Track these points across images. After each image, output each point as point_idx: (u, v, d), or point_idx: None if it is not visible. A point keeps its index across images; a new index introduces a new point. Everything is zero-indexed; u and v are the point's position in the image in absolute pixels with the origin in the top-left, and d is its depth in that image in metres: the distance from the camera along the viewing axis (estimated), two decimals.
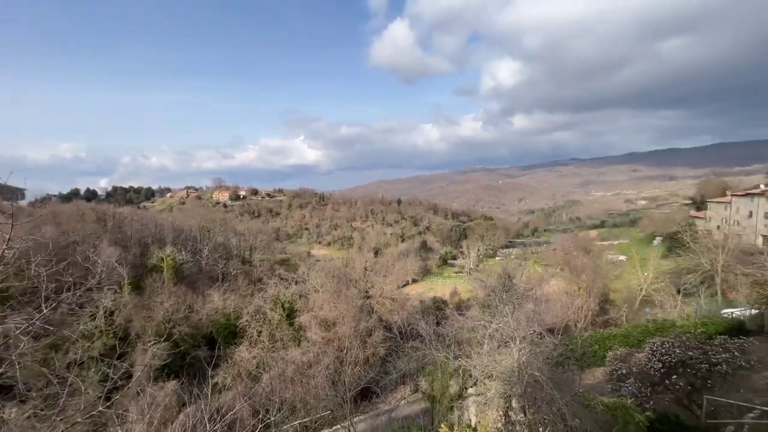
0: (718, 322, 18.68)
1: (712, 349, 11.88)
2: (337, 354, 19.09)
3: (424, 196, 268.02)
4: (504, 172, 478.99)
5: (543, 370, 11.09)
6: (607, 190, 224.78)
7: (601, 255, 47.46)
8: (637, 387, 12.46)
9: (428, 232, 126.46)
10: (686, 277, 31.82)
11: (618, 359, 14.11)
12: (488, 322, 15.01)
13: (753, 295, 20.62)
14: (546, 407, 9.31)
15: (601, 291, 34.88)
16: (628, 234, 78.49)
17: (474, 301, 36.70)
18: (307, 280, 31.56)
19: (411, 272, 70.82)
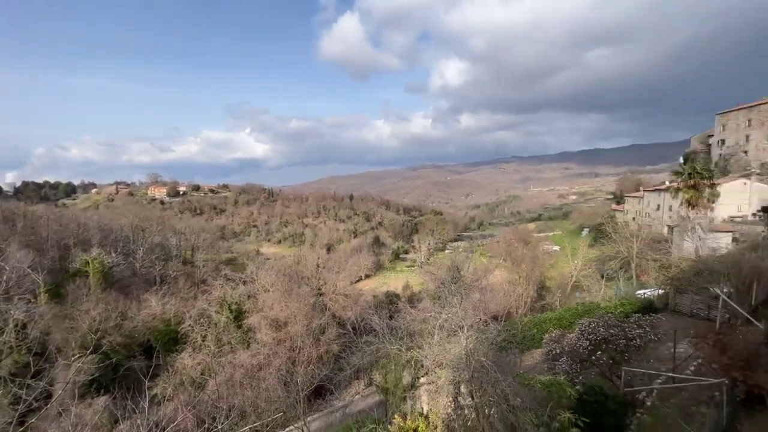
0: (634, 302, 21.26)
1: (629, 326, 13.50)
2: (290, 354, 18.67)
3: (377, 192, 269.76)
4: (452, 169, 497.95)
5: (488, 355, 11.82)
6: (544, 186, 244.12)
7: (538, 246, 51.51)
8: (569, 364, 13.79)
9: (381, 228, 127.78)
10: (608, 263, 35.66)
11: (553, 340, 15.47)
12: (438, 313, 15.63)
13: (660, 277, 23.80)
14: (491, 389, 9.95)
15: (538, 279, 37.93)
16: (561, 226, 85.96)
17: (425, 293, 37.93)
18: (256, 279, 30.33)
19: (364, 268, 71.15)
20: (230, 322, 24.58)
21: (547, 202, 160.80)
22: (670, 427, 11.14)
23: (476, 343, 11.31)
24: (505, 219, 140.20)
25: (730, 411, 10.66)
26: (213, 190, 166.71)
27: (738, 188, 40.52)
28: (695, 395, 12.19)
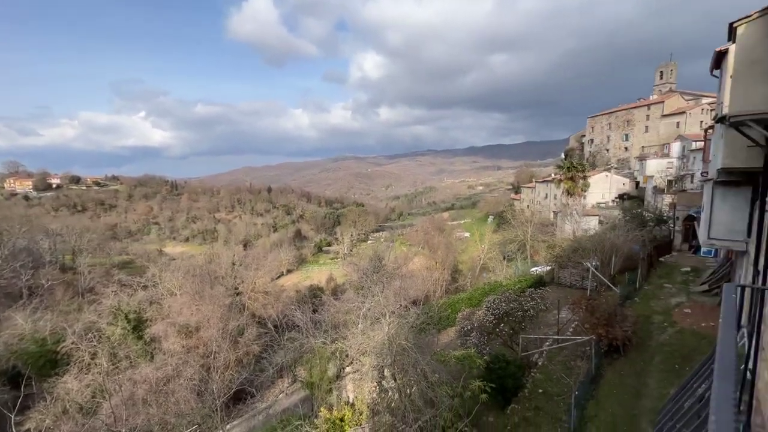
0: (529, 279, 24.61)
1: (525, 300, 15.65)
2: (203, 361, 17.24)
3: (297, 184, 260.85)
4: (372, 161, 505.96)
5: (409, 338, 12.57)
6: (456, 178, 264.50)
7: (452, 233, 55.79)
8: (478, 338, 15.45)
9: (302, 221, 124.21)
10: (509, 246, 40.47)
11: (464, 318, 17.10)
12: (362, 303, 16.02)
13: (547, 256, 27.97)
14: (412, 370, 10.65)
15: (452, 263, 41.20)
16: (470, 214, 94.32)
17: (349, 284, 38.27)
18: (160, 282, 27.05)
19: (285, 263, 68.62)
20: (128, 333, 21.58)
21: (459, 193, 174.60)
22: (555, 381, 13.29)
23: (397, 328, 11.93)
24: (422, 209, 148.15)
25: (597, 361, 13.18)
26: (99, 183, 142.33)
27: (602, 179, 49.35)
28: (573, 352, 14.74)
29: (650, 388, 11.39)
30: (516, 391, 13.22)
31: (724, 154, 10.93)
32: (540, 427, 11.44)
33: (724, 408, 0.78)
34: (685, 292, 17.13)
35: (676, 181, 36.27)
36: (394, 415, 10.77)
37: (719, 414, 0.78)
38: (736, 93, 8.93)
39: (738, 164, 10.53)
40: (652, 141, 57.25)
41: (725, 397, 0.83)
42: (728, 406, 0.77)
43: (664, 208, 31.90)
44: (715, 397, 0.86)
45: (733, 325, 1.32)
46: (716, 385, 0.93)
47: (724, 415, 0.77)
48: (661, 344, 13.34)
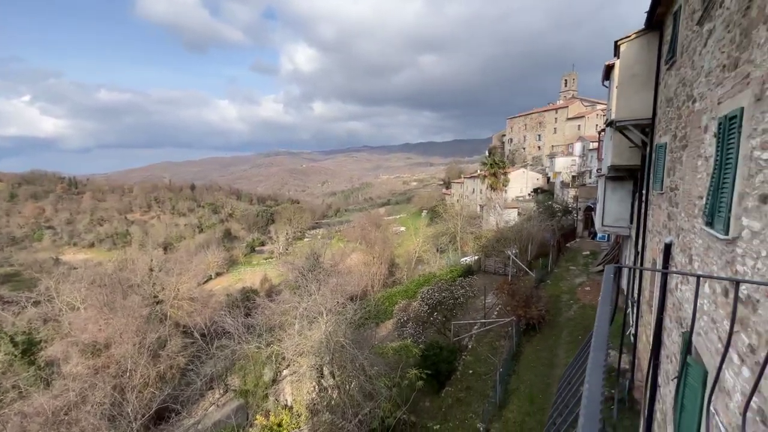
0: (459, 268, 26.25)
1: (455, 288, 16.67)
2: (116, 381, 15.31)
3: (225, 181, 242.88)
4: (307, 156, 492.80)
5: (347, 334, 12.61)
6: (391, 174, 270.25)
7: (388, 228, 56.92)
8: (414, 328, 16.08)
9: (232, 220, 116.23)
10: (441, 238, 42.64)
11: (401, 310, 17.67)
12: (298, 303, 15.63)
13: (475, 246, 30.16)
14: (350, 366, 10.72)
15: (389, 257, 42.09)
16: (405, 210, 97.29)
17: (285, 284, 36.97)
18: (57, 296, 23.30)
19: (214, 265, 63.74)
20: (15, 359, 18.25)
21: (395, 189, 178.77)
22: (483, 361, 14.44)
23: (335, 325, 11.90)
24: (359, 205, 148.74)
25: (517, 339, 14.61)
26: None
27: (520, 175, 54.48)
28: (498, 333, 16.14)
29: (560, 358, 12.98)
30: (449, 375, 14.08)
31: (612, 154, 12.77)
32: (471, 405, 12.35)
33: (595, 374, 0.93)
34: (585, 272, 19.82)
35: (578, 177, 41.57)
36: (334, 413, 10.77)
37: (591, 379, 0.93)
38: (620, 101, 10.49)
39: (623, 162, 12.41)
40: (559, 141, 64.67)
41: (597, 365, 0.99)
42: (599, 373, 0.92)
43: (569, 201, 36.37)
44: (589, 365, 1.02)
45: (609, 302, 1.57)
46: (591, 355, 1.10)
47: (595, 380, 0.92)
48: (568, 319, 15.27)
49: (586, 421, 0.76)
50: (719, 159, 4.31)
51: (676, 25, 7.60)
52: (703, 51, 5.55)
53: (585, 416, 0.78)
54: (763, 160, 3.29)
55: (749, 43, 3.80)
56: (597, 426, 0.74)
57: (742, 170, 3.72)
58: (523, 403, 11.30)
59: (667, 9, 8.40)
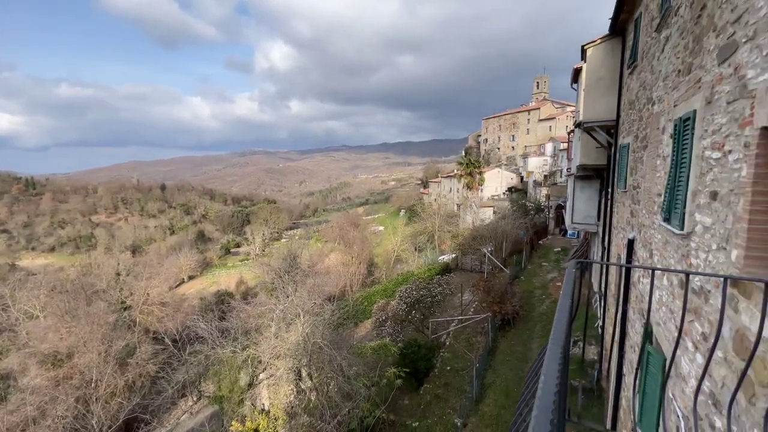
0: (437, 267, 26.58)
1: (433, 286, 16.87)
2: (80, 393, 14.51)
3: (198, 180, 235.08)
4: (284, 156, 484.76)
5: (325, 335, 12.50)
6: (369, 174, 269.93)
7: (367, 228, 56.90)
8: (393, 326, 16.15)
9: (205, 221, 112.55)
10: (419, 237, 43.02)
11: (379, 309, 17.71)
12: (275, 305, 15.33)
13: (452, 244, 30.63)
14: (328, 367, 10.62)
15: (368, 257, 42.07)
16: (384, 209, 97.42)
17: (261, 286, 36.24)
18: (12, 304, 21.81)
19: (186, 268, 61.48)
20: None
21: (373, 188, 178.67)
22: (460, 357, 14.68)
23: (312, 326, 11.76)
24: (338, 205, 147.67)
25: (493, 335, 14.95)
26: None
27: (495, 175, 55.78)
28: (474, 329, 16.45)
29: (533, 351, 13.39)
30: (428, 372, 14.23)
31: (580, 154, 13.27)
32: (448, 401, 12.54)
33: (551, 367, 0.96)
34: (557, 268, 20.54)
35: (550, 176, 43.04)
36: (312, 415, 10.65)
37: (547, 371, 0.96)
38: (587, 104, 10.93)
39: (590, 162, 12.93)
40: (532, 141, 66.69)
41: (553, 358, 1.01)
42: (554, 365, 0.94)
43: (541, 199, 37.59)
44: (546, 358, 1.05)
45: (570, 296, 1.62)
46: (549, 347, 1.13)
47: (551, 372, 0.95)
48: (541, 314, 15.77)
49: (539, 413, 0.78)
50: (675, 158, 4.57)
51: (637, 31, 7.99)
52: (661, 56, 5.86)
53: (538, 408, 0.80)
54: (713, 159, 3.51)
55: (700, 50, 4.05)
56: (549, 417, 0.76)
57: (694, 169, 3.96)
58: (499, 397, 11.58)
59: (629, 16, 8.81)
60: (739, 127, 3.02)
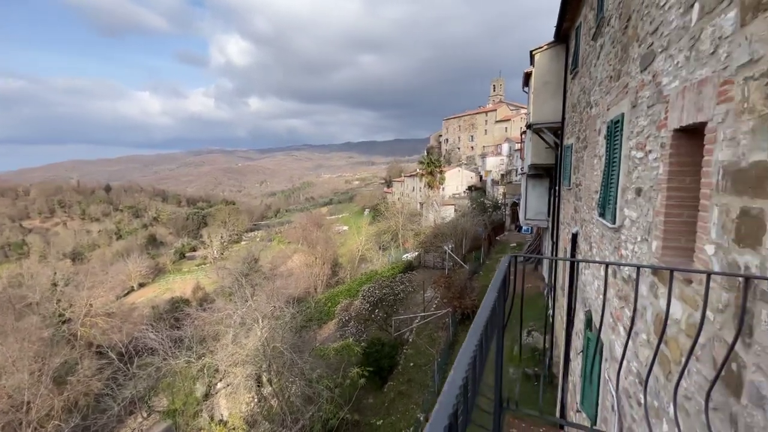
0: (400, 265, 26.87)
1: (395, 284, 17.02)
2: (9, 418, 13.06)
3: (148, 181, 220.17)
4: (243, 155, 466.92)
5: (286, 339, 12.19)
6: (333, 173, 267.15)
7: (331, 228, 56.26)
8: (356, 326, 16.10)
9: (157, 224, 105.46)
10: (383, 236, 43.24)
11: (343, 309, 17.57)
12: (234, 310, 14.72)
13: (414, 242, 31.12)
14: (288, 372, 10.37)
15: (332, 257, 41.61)
16: (348, 209, 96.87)
17: (219, 291, 34.65)
18: None
19: (136, 275, 57.30)
20: None
21: (337, 188, 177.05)
22: (423, 353, 14.95)
23: (272, 331, 11.43)
24: (301, 205, 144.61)
25: (454, 329, 15.37)
26: None
27: (456, 174, 57.42)
28: (436, 324, 16.82)
29: None
30: (392, 369, 14.34)
31: (531, 154, 13.98)
32: (412, 397, 12.72)
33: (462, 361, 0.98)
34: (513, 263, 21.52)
35: (506, 175, 45.03)
36: (273, 422, 10.35)
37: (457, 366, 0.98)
38: (536, 106, 11.54)
39: (541, 161, 13.66)
40: (490, 142, 69.37)
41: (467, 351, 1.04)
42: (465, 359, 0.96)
43: (499, 197, 39.24)
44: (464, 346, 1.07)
45: (497, 289, 1.67)
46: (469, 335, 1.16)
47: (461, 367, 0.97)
48: None
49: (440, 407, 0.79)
50: (608, 158, 4.94)
51: (577, 39, 8.55)
52: (597, 63, 6.31)
53: (440, 403, 0.81)
54: (637, 158, 3.83)
55: (627, 58, 4.40)
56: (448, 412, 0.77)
57: (623, 167, 4.30)
58: None
59: (571, 24, 9.41)
60: (656, 129, 3.32)
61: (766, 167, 1.77)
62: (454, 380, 0.92)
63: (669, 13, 3.12)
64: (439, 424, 0.72)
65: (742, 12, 2.04)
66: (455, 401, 0.83)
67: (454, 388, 0.87)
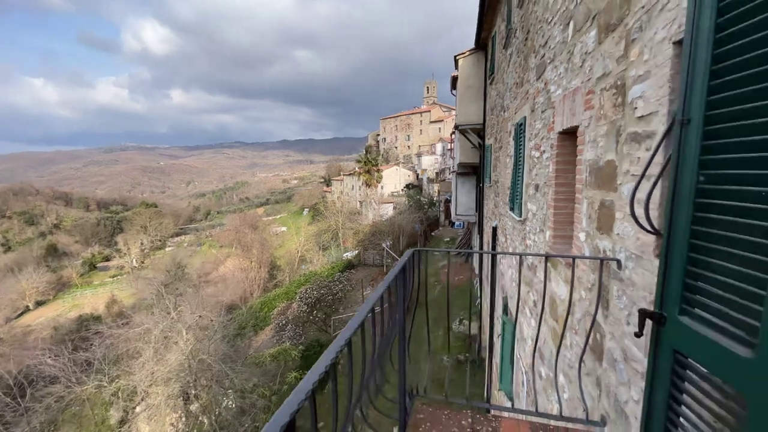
0: (340, 264, 26.72)
1: (334, 284, 16.88)
2: None
3: (45, 182, 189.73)
4: (165, 152, 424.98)
5: (217, 350, 11.41)
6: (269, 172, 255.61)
7: (267, 229, 53.92)
8: (294, 330, 15.65)
9: (59, 231, 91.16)
10: (323, 236, 42.60)
11: (279, 313, 16.97)
12: (154, 324, 13.36)
13: (354, 241, 31.19)
14: (217, 385, 9.72)
15: (269, 260, 39.94)
16: (286, 208, 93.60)
17: (138, 305, 31.19)
18: None
19: (33, 293, 49.09)
20: None
21: (273, 187, 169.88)
22: None
23: (198, 343, 10.61)
24: (234, 206, 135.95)
25: None
26: None
27: (394, 172, 58.68)
28: None
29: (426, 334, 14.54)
30: None
31: (460, 153, 14.81)
32: None
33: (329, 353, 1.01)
34: (446, 257, 22.70)
35: (441, 173, 47.21)
36: None
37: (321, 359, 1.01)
38: (461, 109, 12.25)
39: (467, 160, 14.54)
40: (425, 141, 72.10)
41: (337, 344, 1.07)
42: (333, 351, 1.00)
43: (434, 194, 41.00)
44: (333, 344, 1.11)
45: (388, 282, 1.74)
46: (340, 335, 1.20)
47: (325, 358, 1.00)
48: (433, 299, 17.22)
49: (292, 397, 0.79)
50: (516, 157, 5.44)
51: (493, 47, 9.25)
52: (508, 70, 6.89)
53: (295, 392, 0.82)
54: (535, 158, 4.28)
55: (527, 67, 4.88)
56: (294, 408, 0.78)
57: (526, 166, 4.76)
58: None
59: (488, 33, 10.14)
60: (547, 131, 3.74)
61: (615, 166, 2.09)
62: (312, 374, 0.94)
63: (554, 29, 3.52)
64: (278, 423, 0.73)
65: (599, 32, 2.39)
66: (303, 398, 0.84)
67: (308, 384, 0.89)
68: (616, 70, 2.09)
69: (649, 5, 1.68)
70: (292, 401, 0.79)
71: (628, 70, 1.92)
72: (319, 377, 0.89)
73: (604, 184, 2.24)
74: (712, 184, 1.02)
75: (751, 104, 0.92)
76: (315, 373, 0.89)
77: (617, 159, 2.06)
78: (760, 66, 0.90)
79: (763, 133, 0.89)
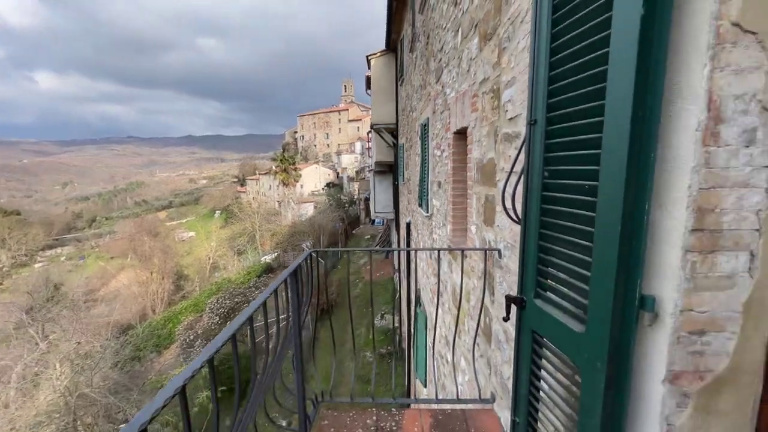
0: (258, 268, 25.16)
1: (250, 291, 15.81)
2: None
3: None
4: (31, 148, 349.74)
5: (108, 379, 9.79)
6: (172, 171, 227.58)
7: (171, 235, 48.22)
8: (204, 345, 14.23)
9: None
10: (239, 239, 39.65)
11: (186, 328, 15.29)
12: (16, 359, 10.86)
13: (273, 243, 29.70)
14: (104, 422, 8.33)
15: (174, 270, 35.72)
16: (194, 211, 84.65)
17: None
18: None
19: None
20: None
21: (178, 188, 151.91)
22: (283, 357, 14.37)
23: (78, 375, 8.92)
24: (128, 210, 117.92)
25: (313, 326, 15.33)
26: None
27: (313, 171, 57.44)
28: None
29: (349, 334, 14.55)
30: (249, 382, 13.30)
31: (376, 152, 15.07)
32: (273, 405, 12.09)
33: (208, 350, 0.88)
34: (367, 254, 23.05)
35: (360, 172, 47.70)
36: None
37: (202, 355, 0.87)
38: (375, 109, 12.45)
39: (383, 159, 14.87)
40: (344, 140, 72.06)
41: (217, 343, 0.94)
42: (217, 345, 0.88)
43: (354, 193, 41.26)
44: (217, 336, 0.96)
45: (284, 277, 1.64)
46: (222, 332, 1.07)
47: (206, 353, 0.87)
48: (355, 296, 17.32)
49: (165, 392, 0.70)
50: (422, 156, 5.70)
51: (402, 50, 9.58)
52: (414, 72, 7.18)
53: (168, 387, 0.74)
54: (437, 156, 4.52)
55: (429, 70, 5.13)
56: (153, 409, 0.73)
57: (431, 164, 5.02)
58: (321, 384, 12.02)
59: (398, 36, 10.46)
60: (445, 131, 3.97)
61: (494, 163, 2.29)
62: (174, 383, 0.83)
63: (448, 35, 3.74)
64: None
65: (480, 39, 2.58)
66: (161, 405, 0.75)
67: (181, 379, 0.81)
68: (492, 76, 2.28)
69: (513, 17, 1.85)
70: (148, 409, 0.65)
71: (501, 76, 2.10)
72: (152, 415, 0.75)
73: (488, 181, 2.43)
74: (552, 179, 1.15)
75: (576, 107, 1.05)
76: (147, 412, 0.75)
77: (496, 157, 2.25)
78: (581, 73, 1.02)
79: (585, 132, 1.02)
